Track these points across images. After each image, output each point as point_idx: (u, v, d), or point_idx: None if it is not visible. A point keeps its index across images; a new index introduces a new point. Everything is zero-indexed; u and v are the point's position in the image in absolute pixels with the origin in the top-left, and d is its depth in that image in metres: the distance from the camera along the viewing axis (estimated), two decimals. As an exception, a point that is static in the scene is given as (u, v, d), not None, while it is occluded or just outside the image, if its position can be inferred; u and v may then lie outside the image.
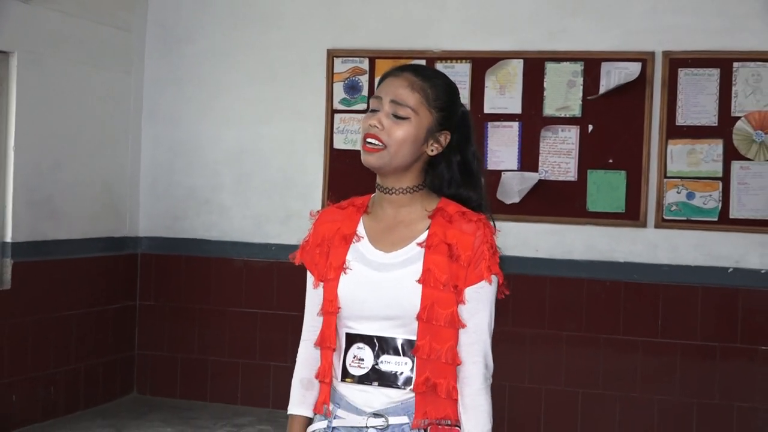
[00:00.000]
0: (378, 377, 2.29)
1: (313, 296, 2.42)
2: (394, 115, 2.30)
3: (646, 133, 6.18)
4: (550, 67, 6.37)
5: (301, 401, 2.44)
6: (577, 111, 6.31)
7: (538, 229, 6.36)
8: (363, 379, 2.30)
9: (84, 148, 6.61)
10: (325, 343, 2.34)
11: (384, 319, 2.28)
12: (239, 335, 6.91)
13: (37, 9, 6.09)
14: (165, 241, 7.11)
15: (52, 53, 6.28)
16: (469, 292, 2.28)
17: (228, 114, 7.00)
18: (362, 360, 2.29)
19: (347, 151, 6.61)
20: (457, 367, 2.28)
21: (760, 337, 6.03)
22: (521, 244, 6.34)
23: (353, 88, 6.69)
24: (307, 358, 2.45)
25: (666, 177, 6.16)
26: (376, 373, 2.29)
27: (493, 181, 6.38)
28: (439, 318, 2.25)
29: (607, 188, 6.26)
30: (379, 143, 2.30)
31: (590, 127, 6.29)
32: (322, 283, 2.36)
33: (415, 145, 2.31)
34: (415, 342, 2.27)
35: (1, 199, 5.99)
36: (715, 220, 6.09)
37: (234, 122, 6.98)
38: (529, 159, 6.38)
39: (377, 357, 2.29)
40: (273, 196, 6.89)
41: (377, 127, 2.30)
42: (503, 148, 6.42)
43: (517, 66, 6.43)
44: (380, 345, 2.29)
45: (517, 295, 6.23)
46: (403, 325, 2.28)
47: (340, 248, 2.35)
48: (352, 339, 2.31)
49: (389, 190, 2.36)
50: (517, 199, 6.33)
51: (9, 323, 5.97)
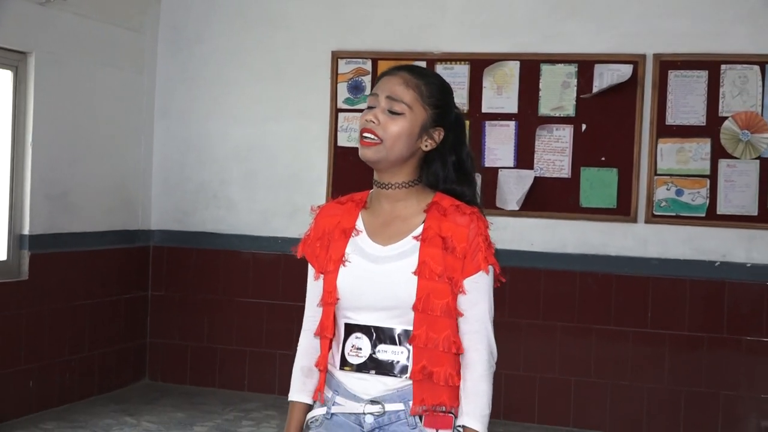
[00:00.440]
0: (375, 366, 2.29)
1: (314, 288, 2.42)
2: (390, 111, 2.31)
3: (637, 132, 6.18)
4: (545, 68, 6.36)
5: (301, 389, 2.44)
6: (571, 111, 6.31)
7: (533, 224, 6.36)
8: (361, 368, 2.30)
9: (98, 145, 6.61)
10: (324, 333, 2.34)
11: (381, 309, 2.29)
12: (246, 325, 6.92)
13: (55, 11, 6.09)
14: (176, 234, 7.11)
15: (69, 53, 6.28)
16: (468, 282, 2.29)
17: (236, 112, 7.00)
18: (360, 349, 2.30)
19: (351, 149, 6.60)
20: (461, 354, 2.29)
21: (746, 328, 6.03)
22: (517, 238, 6.35)
23: (357, 88, 6.69)
24: (307, 347, 2.45)
25: (656, 174, 6.16)
26: (374, 362, 2.29)
27: (491, 178, 6.39)
28: (435, 308, 2.26)
29: (599, 185, 6.26)
30: (375, 138, 2.31)
31: (584, 127, 6.29)
32: (323, 275, 2.37)
33: (410, 140, 2.32)
34: (411, 332, 2.27)
35: (20, 194, 5.99)
36: (703, 215, 6.09)
37: (242, 120, 6.99)
38: (524, 157, 6.38)
39: (375, 346, 2.29)
40: (279, 192, 6.89)
41: (373, 122, 2.31)
42: (500, 146, 6.42)
43: (514, 67, 6.43)
44: (377, 335, 2.29)
45: (513, 287, 6.29)
46: (399, 315, 2.28)
47: (340, 242, 2.36)
48: (350, 329, 2.31)
49: (386, 186, 2.36)
50: (516, 207, 6.33)
51: (26, 312, 5.98)
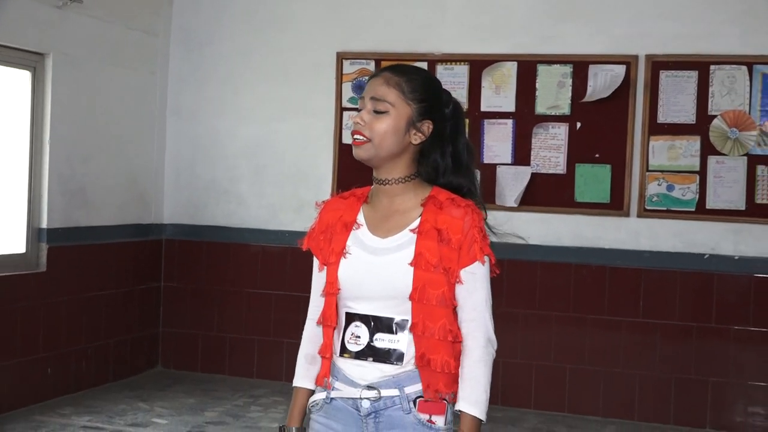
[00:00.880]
0: (373, 353, 2.29)
1: (318, 279, 2.43)
2: (375, 111, 2.33)
3: (630, 129, 6.18)
4: (541, 69, 6.36)
5: (304, 375, 2.44)
6: (566, 109, 6.31)
7: (530, 218, 6.36)
8: (359, 355, 2.30)
9: (113, 142, 6.62)
10: (326, 322, 2.35)
11: (379, 299, 2.29)
12: (255, 314, 6.93)
13: (71, 15, 6.10)
14: (187, 228, 7.12)
15: (85, 55, 6.28)
16: (464, 273, 2.29)
17: (245, 111, 7.00)
18: (359, 337, 2.30)
19: (355, 146, 6.61)
20: (459, 342, 2.29)
21: (733, 317, 6.03)
22: (514, 231, 6.33)
23: (360, 88, 6.68)
24: (311, 336, 2.45)
25: (648, 170, 6.16)
26: (371, 350, 2.29)
27: (489, 174, 6.40)
28: (431, 298, 2.26)
29: (593, 181, 6.25)
30: (363, 137, 2.33)
31: (578, 125, 6.28)
32: (326, 267, 2.38)
33: (397, 136, 2.33)
34: (407, 321, 2.27)
35: (38, 189, 6.00)
36: (693, 210, 6.09)
37: (251, 119, 6.99)
38: (521, 153, 6.38)
39: (372, 335, 2.29)
40: (286, 187, 6.90)
41: (360, 124, 2.33)
42: (498, 143, 6.42)
43: (512, 68, 6.42)
44: (375, 324, 2.29)
45: (511, 278, 6.30)
46: (397, 305, 2.28)
47: (341, 235, 2.36)
48: (350, 318, 2.32)
49: (383, 181, 2.37)
50: (514, 204, 6.33)
51: (44, 303, 5.99)
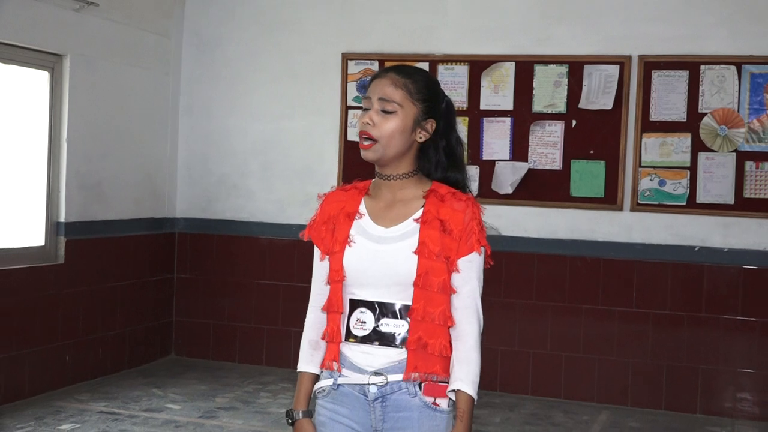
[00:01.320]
0: (378, 337, 2.29)
1: (320, 268, 2.42)
2: (383, 111, 2.32)
3: (623, 127, 6.17)
4: (538, 69, 6.36)
5: (309, 360, 2.43)
6: (562, 108, 6.31)
7: (527, 212, 6.36)
8: (365, 340, 2.30)
9: (128, 140, 6.63)
10: (332, 308, 2.34)
11: (384, 286, 2.29)
12: (264, 304, 6.94)
13: (88, 17, 6.11)
14: (199, 222, 7.13)
15: (101, 56, 6.29)
16: (462, 262, 2.30)
17: (254, 109, 7.01)
18: (364, 323, 2.30)
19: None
20: (453, 327, 2.29)
21: (723, 307, 6.03)
22: (512, 225, 6.35)
23: (365, 87, 6.66)
24: (314, 322, 2.44)
25: (640, 166, 6.15)
26: (377, 334, 2.29)
27: (488, 170, 6.40)
28: (433, 285, 2.26)
29: (588, 176, 6.25)
30: (371, 139, 2.32)
31: (574, 122, 6.29)
32: (329, 256, 2.37)
33: (404, 135, 2.33)
34: (410, 306, 2.27)
35: (56, 185, 6.01)
36: (684, 204, 6.09)
37: (260, 117, 7.00)
38: (519, 150, 6.38)
39: (378, 320, 2.29)
40: (294, 182, 6.90)
41: (369, 124, 2.32)
42: (497, 140, 6.43)
43: (510, 68, 6.42)
44: (380, 309, 2.29)
45: (508, 270, 6.31)
46: (400, 291, 2.28)
47: (345, 224, 2.36)
48: (355, 304, 2.32)
49: (387, 177, 2.37)
50: (510, 190, 6.34)
51: (63, 293, 6.01)
